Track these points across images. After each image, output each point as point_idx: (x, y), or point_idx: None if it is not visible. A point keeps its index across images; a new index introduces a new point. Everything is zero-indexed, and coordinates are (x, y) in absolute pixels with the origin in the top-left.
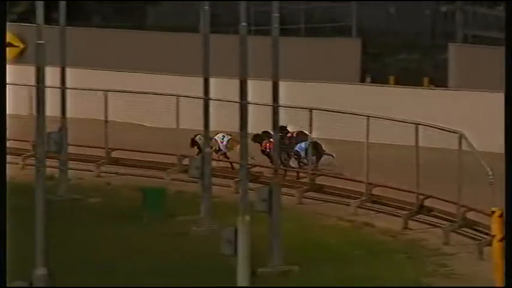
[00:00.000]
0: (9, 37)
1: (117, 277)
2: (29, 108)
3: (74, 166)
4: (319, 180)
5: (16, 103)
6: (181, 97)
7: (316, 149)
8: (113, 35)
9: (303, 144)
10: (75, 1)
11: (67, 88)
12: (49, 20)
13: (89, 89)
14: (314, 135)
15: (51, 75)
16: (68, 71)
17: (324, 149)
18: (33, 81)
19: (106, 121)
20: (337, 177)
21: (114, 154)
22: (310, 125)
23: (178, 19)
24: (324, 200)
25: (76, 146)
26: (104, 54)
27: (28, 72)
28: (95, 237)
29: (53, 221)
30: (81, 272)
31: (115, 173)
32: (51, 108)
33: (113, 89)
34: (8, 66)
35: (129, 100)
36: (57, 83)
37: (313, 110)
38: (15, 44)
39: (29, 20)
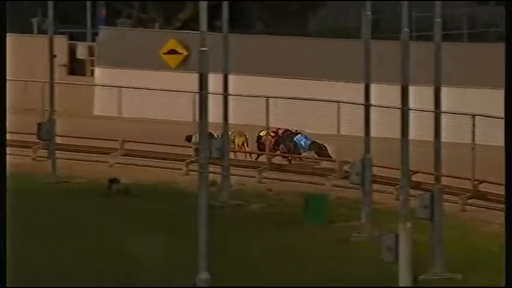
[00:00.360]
0: (173, 44)
1: (276, 282)
2: (192, 115)
3: (236, 172)
4: (483, 187)
5: (179, 109)
6: (342, 103)
7: (321, 150)
8: (274, 41)
9: (302, 142)
10: (237, 5)
11: (229, 95)
12: (212, 27)
13: (251, 96)
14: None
15: (214, 81)
16: (231, 78)
17: (329, 152)
18: (196, 88)
19: (267, 127)
20: (500, 184)
21: (274, 160)
22: (473, 132)
23: (339, 24)
24: (486, 207)
25: (235, 151)
26: (265, 60)
27: (191, 79)
28: (256, 243)
29: (215, 227)
30: (242, 277)
31: (279, 179)
32: (214, 114)
33: (275, 96)
34: (171, 73)
35: (290, 106)
36: (220, 90)
37: (476, 116)
38: (179, 51)
39: (193, 27)
